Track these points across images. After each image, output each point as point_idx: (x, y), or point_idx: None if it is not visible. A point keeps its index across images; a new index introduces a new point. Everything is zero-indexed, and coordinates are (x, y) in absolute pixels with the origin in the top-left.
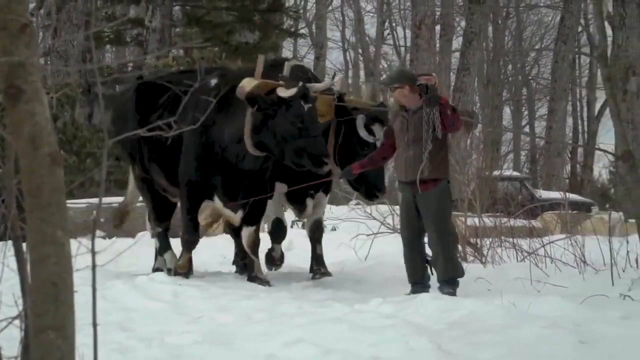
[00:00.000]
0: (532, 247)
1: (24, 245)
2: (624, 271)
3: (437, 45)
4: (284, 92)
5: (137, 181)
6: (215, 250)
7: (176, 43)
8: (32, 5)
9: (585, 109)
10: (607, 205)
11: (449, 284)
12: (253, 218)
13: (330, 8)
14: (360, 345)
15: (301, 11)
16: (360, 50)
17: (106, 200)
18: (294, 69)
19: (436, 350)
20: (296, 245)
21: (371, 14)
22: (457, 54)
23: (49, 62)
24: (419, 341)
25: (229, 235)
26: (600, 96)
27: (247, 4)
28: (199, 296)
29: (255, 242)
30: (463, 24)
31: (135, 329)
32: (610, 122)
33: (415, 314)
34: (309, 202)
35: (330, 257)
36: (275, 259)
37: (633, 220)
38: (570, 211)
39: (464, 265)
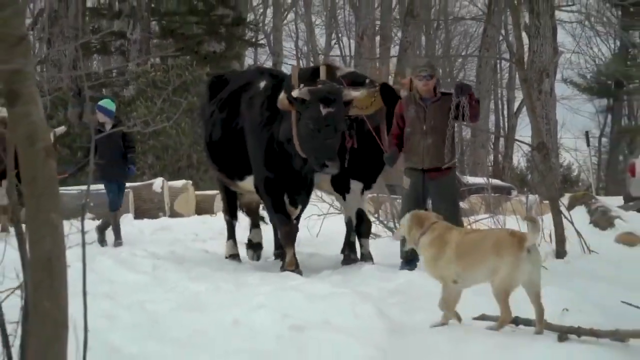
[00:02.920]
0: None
1: (24, 227)
2: (539, 245)
3: (378, 53)
4: (295, 93)
5: (216, 178)
6: (188, 228)
7: (153, 52)
8: (29, 21)
9: (505, 106)
10: (525, 189)
11: None
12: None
13: (285, 21)
14: (313, 312)
15: (260, 24)
16: (311, 59)
17: (94, 187)
18: (348, 75)
19: (378, 315)
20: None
21: (320, 27)
22: (395, 60)
23: (44, 70)
24: (363, 307)
25: (198, 216)
26: (518, 95)
27: (214, 19)
28: (174, 269)
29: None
30: (400, 34)
31: (119, 298)
32: (527, 118)
33: (361, 283)
34: (354, 187)
35: None
36: (366, 258)
37: (547, 202)
38: (492, 194)
39: None
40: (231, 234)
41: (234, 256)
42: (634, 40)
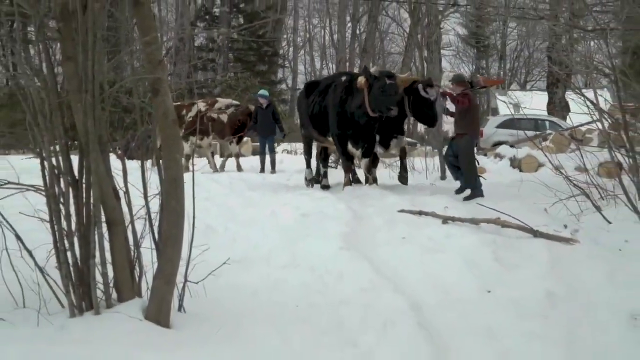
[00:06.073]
0: (390, 162)
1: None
2: (431, 173)
3: None
4: (373, 70)
5: (303, 136)
6: (248, 162)
7: (230, 70)
8: (164, 51)
9: None
10: (424, 143)
11: (468, 188)
12: (367, 153)
13: (299, 54)
14: (314, 207)
15: (286, 55)
16: (313, 75)
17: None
18: (383, 71)
19: (347, 209)
20: (285, 162)
21: (317, 57)
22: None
23: (170, 78)
24: (339, 204)
25: (253, 156)
26: None
27: (262, 52)
28: (241, 184)
29: (369, 166)
30: (359, 62)
31: (212, 200)
32: None
33: (338, 193)
34: (392, 144)
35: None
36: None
37: (436, 150)
38: (407, 146)
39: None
40: (308, 166)
41: (311, 180)
42: (482, 65)
